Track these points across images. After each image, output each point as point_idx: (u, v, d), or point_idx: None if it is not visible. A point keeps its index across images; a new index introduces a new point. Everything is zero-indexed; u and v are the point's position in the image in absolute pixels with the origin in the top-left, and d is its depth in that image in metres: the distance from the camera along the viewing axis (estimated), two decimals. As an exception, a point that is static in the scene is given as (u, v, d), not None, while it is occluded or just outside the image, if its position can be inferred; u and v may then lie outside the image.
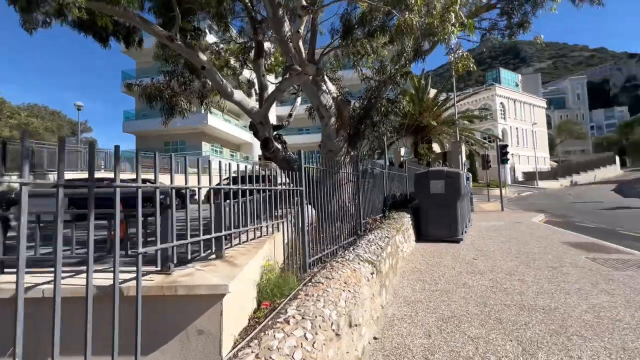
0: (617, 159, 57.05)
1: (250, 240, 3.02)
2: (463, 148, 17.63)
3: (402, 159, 19.09)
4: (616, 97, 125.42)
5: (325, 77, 6.29)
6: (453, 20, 3.97)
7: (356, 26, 6.11)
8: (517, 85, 52.28)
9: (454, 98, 16.45)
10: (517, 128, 44.53)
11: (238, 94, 5.64)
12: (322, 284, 2.79)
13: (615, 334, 2.83)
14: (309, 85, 6.04)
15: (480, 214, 13.63)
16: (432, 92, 20.39)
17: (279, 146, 6.64)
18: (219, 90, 5.38)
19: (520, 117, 45.51)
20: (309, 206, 4.78)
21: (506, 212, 14.15)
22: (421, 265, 5.39)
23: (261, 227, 3.17)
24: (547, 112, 59.26)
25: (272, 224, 3.42)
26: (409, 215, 7.18)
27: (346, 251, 4.06)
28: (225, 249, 2.53)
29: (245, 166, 3.11)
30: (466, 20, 4.32)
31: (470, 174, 10.01)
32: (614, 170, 54.87)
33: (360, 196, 6.02)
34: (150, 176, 1.92)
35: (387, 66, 6.65)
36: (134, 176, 1.74)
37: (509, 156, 15.37)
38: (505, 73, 52.85)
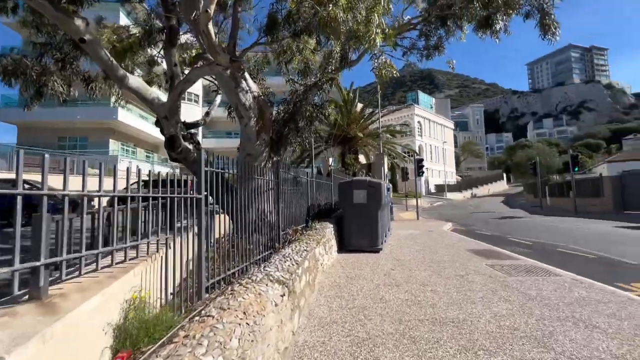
0: (505, 175, 68.57)
1: (117, 264, 2.27)
2: (385, 160, 18.67)
3: (330, 168, 19.38)
4: (504, 124, 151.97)
5: (247, 74, 5.74)
6: (377, 21, 3.89)
7: (282, 24, 5.73)
8: (431, 107, 58.96)
9: (379, 113, 17.48)
10: (431, 145, 49.91)
11: (134, 80, 4.68)
12: (213, 317, 2.21)
13: (515, 345, 2.89)
14: (227, 81, 5.41)
15: (399, 223, 14.45)
16: (360, 106, 21.43)
17: (190, 146, 5.80)
18: (107, 71, 4.36)
19: (433, 136, 51.18)
20: (222, 216, 4.13)
21: (421, 221, 15.32)
22: (341, 278, 5.15)
23: (129, 247, 2.42)
24: (454, 132, 68.17)
25: (154, 240, 2.70)
26: (332, 225, 6.98)
27: (257, 268, 3.53)
28: (64, 281, 1.77)
29: (159, 171, 2.37)
30: (388, 30, 4.32)
31: (390, 185, 10.47)
32: (502, 185, 65.69)
33: (280, 205, 5.56)
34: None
35: (313, 69, 6.42)
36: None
37: (424, 169, 16.77)
38: (422, 96, 59.20)
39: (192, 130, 6.26)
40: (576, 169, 16.30)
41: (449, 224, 14.04)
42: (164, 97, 5.48)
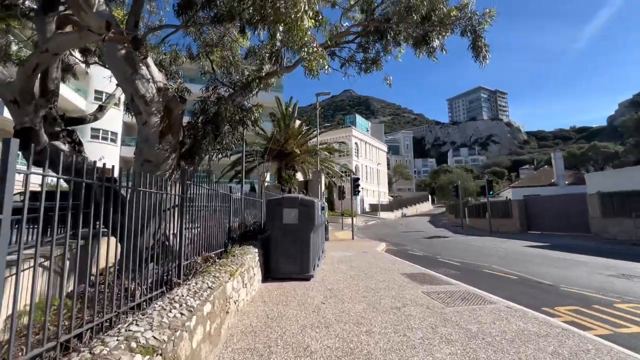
0: (430, 197, 75.00)
1: None
2: (323, 178, 18.30)
3: (264, 184, 18.25)
4: (429, 150, 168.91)
5: (150, 60, 4.56)
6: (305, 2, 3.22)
7: (201, 6, 4.76)
8: (367, 130, 62.24)
9: (317, 129, 17.21)
10: (366, 166, 52.10)
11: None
12: None
13: (468, 414, 2.23)
14: (119, 63, 4.17)
15: (335, 243, 13.92)
16: (298, 122, 21.05)
17: (64, 147, 4.33)
18: None
19: (369, 157, 53.65)
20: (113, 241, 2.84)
21: (356, 241, 15.04)
22: (259, 319, 4.12)
23: None
24: (387, 156, 72.81)
25: None
26: (256, 250, 5.93)
27: (120, 326, 2.36)
28: None
29: None
30: (321, 17, 3.72)
31: (326, 204, 9.87)
32: (428, 206, 71.50)
33: (189, 227, 4.38)
34: None
35: (239, 65, 5.51)
36: None
37: (360, 189, 16.77)
38: (359, 119, 62.27)
39: (71, 128, 4.76)
40: (491, 192, 18.06)
41: (383, 244, 13.97)
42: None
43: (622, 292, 5.85)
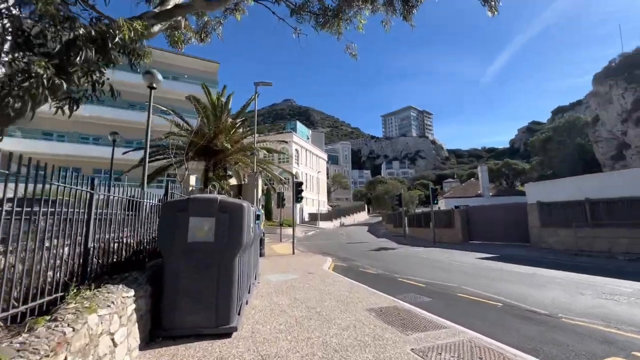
0: (366, 206, 76.82)
1: None
2: (260, 182, 15.66)
3: (191, 188, 14.87)
4: (364, 162, 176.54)
5: None
6: None
7: None
8: (308, 138, 61.09)
9: (255, 121, 14.61)
10: (307, 174, 50.49)
11: None
12: None
13: None
14: None
15: (272, 260, 11.43)
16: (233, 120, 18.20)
17: None
18: None
19: (309, 165, 52.22)
20: None
21: (298, 256, 12.77)
22: None
23: None
24: (327, 165, 72.66)
25: None
26: (131, 293, 3.25)
27: None
28: None
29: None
30: None
31: (262, 211, 7.38)
32: (364, 215, 72.95)
33: None
34: None
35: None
36: None
37: (302, 195, 14.63)
38: (300, 126, 60.80)
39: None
40: (435, 201, 17.65)
41: (329, 260, 11.96)
42: None
43: (636, 324, 4.67)
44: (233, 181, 21.23)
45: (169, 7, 4.42)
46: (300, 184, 14.39)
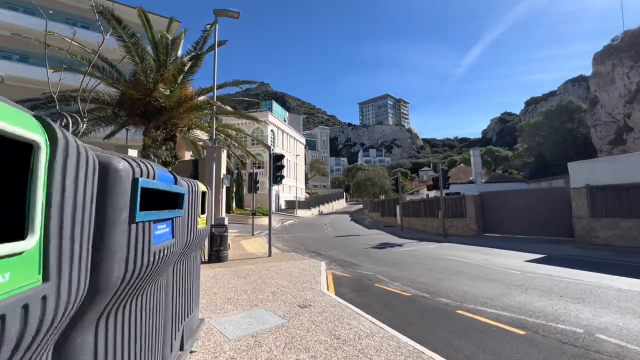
0: (345, 194, 73.86)
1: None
2: (224, 157, 11.38)
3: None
4: (341, 150, 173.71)
5: None
6: None
7: None
8: (285, 120, 56.29)
9: (214, 61, 10.13)
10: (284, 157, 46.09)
11: None
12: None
13: None
14: None
15: (237, 269, 7.40)
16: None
17: None
18: None
19: (287, 149, 47.78)
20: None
21: (276, 260, 8.81)
22: None
23: None
24: (304, 150, 68.36)
25: None
26: None
27: None
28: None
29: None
30: None
31: (205, 189, 3.17)
32: (343, 203, 69.99)
33: None
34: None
35: None
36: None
37: (283, 173, 10.59)
38: (277, 106, 55.72)
39: None
40: (446, 185, 14.36)
41: (322, 265, 8.15)
42: None
43: None
44: (189, 156, 16.66)
45: None
46: (281, 157, 10.30)
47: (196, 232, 2.88)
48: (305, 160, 70.61)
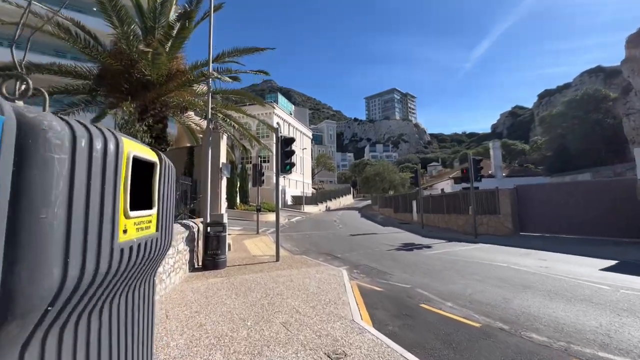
0: (352, 189, 72.06)
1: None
2: (224, 145, 9.73)
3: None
4: (347, 145, 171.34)
5: None
6: None
7: None
8: (291, 113, 54.50)
9: (210, 35, 8.42)
10: (289, 151, 44.42)
11: None
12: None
13: None
14: None
15: (238, 274, 5.74)
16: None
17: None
18: None
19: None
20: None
21: (285, 266, 7.14)
22: None
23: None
24: (311, 145, 66.60)
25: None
26: None
27: None
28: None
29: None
30: None
31: (151, 153, 1.73)
32: (350, 199, 68.26)
33: None
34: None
35: None
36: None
37: (292, 161, 8.88)
38: (282, 99, 53.94)
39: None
40: (479, 177, 12.56)
41: (345, 276, 6.46)
42: None
43: None
44: (186, 141, 15.08)
45: None
46: (291, 141, 8.60)
47: (110, 251, 1.20)
48: (311, 154, 68.94)
